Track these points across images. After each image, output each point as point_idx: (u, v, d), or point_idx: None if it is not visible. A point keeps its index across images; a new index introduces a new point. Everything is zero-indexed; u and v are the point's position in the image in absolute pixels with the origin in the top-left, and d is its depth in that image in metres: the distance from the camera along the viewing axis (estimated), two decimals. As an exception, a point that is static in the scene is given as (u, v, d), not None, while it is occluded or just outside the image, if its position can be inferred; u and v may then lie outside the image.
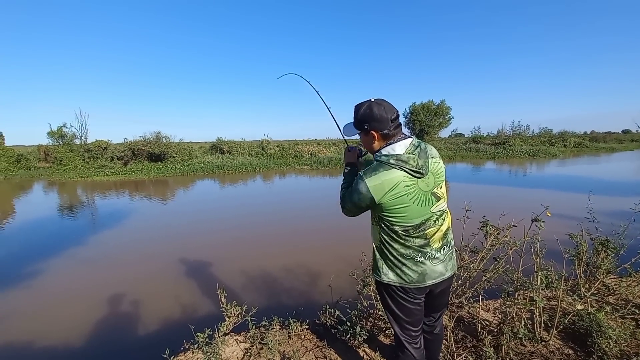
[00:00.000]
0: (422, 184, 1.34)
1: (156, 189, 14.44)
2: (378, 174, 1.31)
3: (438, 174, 1.40)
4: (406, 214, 1.34)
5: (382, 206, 1.34)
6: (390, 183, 1.30)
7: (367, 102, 1.40)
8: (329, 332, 2.33)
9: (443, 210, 1.44)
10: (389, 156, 1.34)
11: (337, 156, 25.46)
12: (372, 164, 1.37)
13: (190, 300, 3.91)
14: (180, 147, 24.15)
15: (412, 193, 1.32)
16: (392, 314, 1.52)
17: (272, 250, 5.74)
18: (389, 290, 1.47)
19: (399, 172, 1.31)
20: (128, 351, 3.00)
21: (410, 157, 1.32)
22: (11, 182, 17.86)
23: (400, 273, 1.41)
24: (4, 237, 7.12)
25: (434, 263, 1.41)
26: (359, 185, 1.34)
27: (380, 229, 1.43)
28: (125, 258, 5.54)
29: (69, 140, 22.96)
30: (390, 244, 1.41)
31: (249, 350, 2.18)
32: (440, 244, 1.43)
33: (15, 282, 4.54)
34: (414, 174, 1.32)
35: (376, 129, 1.37)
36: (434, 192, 1.38)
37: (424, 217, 1.37)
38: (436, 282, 1.43)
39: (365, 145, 1.49)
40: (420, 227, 1.37)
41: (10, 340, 3.23)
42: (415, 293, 1.44)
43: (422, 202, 1.35)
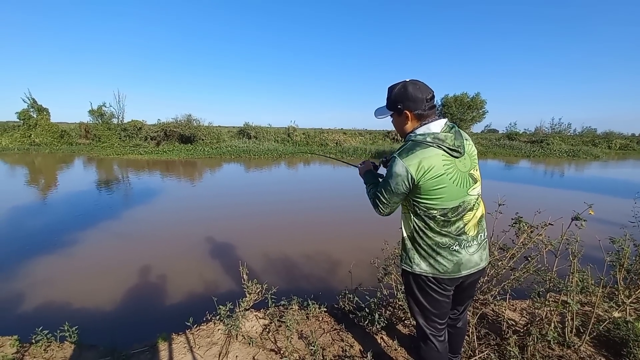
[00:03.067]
0: (459, 164, 1.29)
1: (185, 169, 14.94)
2: (415, 153, 1.25)
3: (473, 156, 1.36)
4: (444, 195, 1.28)
5: (421, 187, 1.27)
6: (428, 161, 1.24)
7: (402, 82, 1.35)
8: (347, 317, 2.33)
9: (479, 194, 1.39)
10: (425, 135, 1.28)
11: (362, 146, 25.17)
12: (407, 144, 1.32)
13: (213, 277, 4.04)
14: (209, 130, 24.73)
15: (451, 172, 1.27)
16: (418, 304, 1.47)
17: (292, 236, 5.81)
18: (419, 280, 1.42)
19: (437, 150, 1.26)
20: (155, 320, 3.15)
21: (447, 136, 1.27)
22: (55, 156, 19.08)
23: (434, 263, 1.35)
24: (47, 207, 7.66)
25: (469, 252, 1.36)
26: (395, 167, 1.28)
27: (414, 217, 1.37)
28: (154, 234, 5.80)
29: (107, 119, 24.10)
30: (424, 232, 1.35)
31: (268, 326, 2.23)
32: (476, 232, 1.37)
33: (54, 249, 4.88)
34: (452, 152, 1.27)
35: (410, 108, 1.31)
36: (471, 174, 1.33)
37: (461, 199, 1.31)
38: (471, 272, 1.37)
39: (397, 128, 1.44)
40: (457, 210, 1.31)
41: (46, 304, 3.48)
42: (448, 284, 1.39)
43: (461, 183, 1.30)
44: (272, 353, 1.97)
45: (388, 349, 1.99)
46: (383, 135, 32.06)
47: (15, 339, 2.15)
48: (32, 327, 2.23)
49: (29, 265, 4.24)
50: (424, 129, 1.31)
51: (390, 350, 1.98)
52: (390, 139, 31.37)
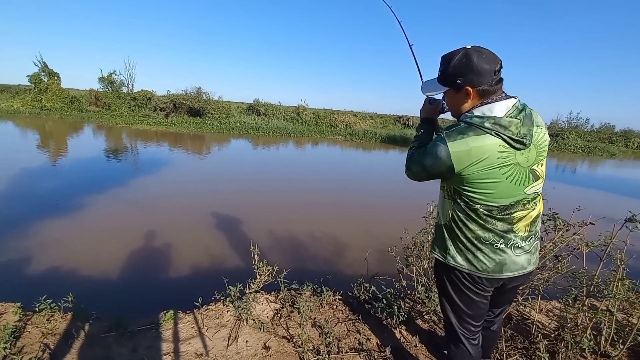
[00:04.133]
0: (520, 158, 1.08)
1: (194, 143, 14.82)
2: (466, 138, 1.05)
3: (541, 147, 1.13)
4: (493, 192, 1.10)
5: (464, 178, 1.10)
6: (480, 152, 1.04)
7: (462, 50, 1.11)
8: (363, 307, 2.21)
9: (538, 193, 1.18)
10: (483, 118, 1.07)
11: (372, 130, 24.71)
12: (459, 125, 1.11)
13: (220, 252, 3.95)
14: (219, 104, 24.39)
15: (507, 167, 1.07)
16: (450, 302, 1.32)
17: (301, 217, 5.69)
18: (454, 274, 1.26)
19: (494, 140, 1.05)
20: (160, 291, 3.08)
21: (512, 122, 1.05)
22: (65, 122, 19.05)
23: (472, 259, 1.19)
24: (57, 171, 7.62)
25: (516, 253, 1.17)
26: (438, 147, 1.09)
27: (454, 205, 1.20)
28: (163, 205, 5.72)
29: (117, 87, 23.90)
30: (465, 224, 1.18)
31: (280, 311, 2.12)
32: (527, 233, 1.18)
33: (61, 213, 4.82)
34: (513, 143, 1.05)
35: (473, 83, 1.08)
36: (533, 170, 1.12)
37: (514, 198, 1.12)
38: (514, 275, 1.20)
39: (451, 106, 1.23)
40: (507, 210, 1.13)
41: (51, 268, 3.43)
42: (486, 284, 1.22)
43: (518, 180, 1.10)
44: (284, 340, 1.86)
45: (407, 345, 1.87)
46: (394, 120, 31.41)
47: (17, 307, 2.07)
48: (35, 292, 2.16)
49: (36, 228, 4.19)
50: (485, 110, 1.09)
51: (410, 347, 1.86)
52: (401, 124, 30.74)
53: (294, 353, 1.78)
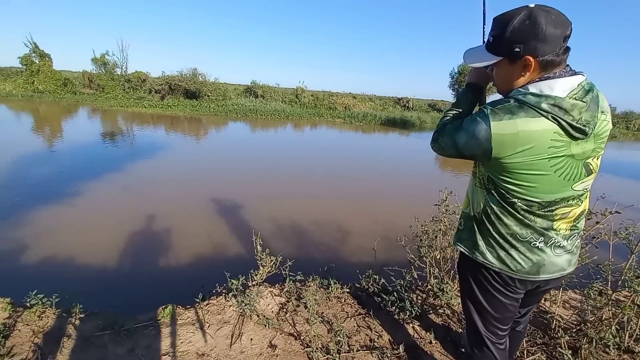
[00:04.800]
0: (576, 149, 0.91)
1: (190, 126, 14.54)
2: (515, 119, 0.87)
3: (602, 138, 0.95)
4: (536, 186, 0.94)
5: (503, 166, 0.93)
6: (528, 138, 0.87)
7: (524, 9, 0.88)
8: (372, 300, 2.11)
9: (587, 190, 1.02)
10: (540, 97, 0.87)
11: (372, 112, 24.30)
12: (509, 102, 0.92)
13: (220, 241, 3.84)
14: (215, 86, 23.87)
15: (559, 159, 0.90)
16: (475, 304, 1.18)
17: (301, 202, 5.57)
18: (481, 273, 1.11)
19: (549, 125, 0.86)
20: (159, 283, 2.97)
21: (575, 106, 0.86)
22: (59, 105, 18.62)
23: (505, 257, 1.04)
24: (50, 157, 7.42)
25: (556, 253, 1.03)
26: (477, 125, 0.91)
27: (487, 195, 1.04)
28: (159, 192, 5.57)
29: (110, 69, 23.25)
30: (499, 218, 1.02)
31: (285, 306, 2.01)
32: (569, 231, 1.03)
33: (54, 202, 4.67)
34: (572, 131, 0.87)
35: (536, 52, 0.87)
36: (587, 164, 0.95)
37: (560, 194, 0.96)
38: (552, 277, 1.06)
39: (501, 80, 1.02)
40: (549, 206, 0.97)
41: (44, 259, 3.31)
42: (518, 286, 1.08)
43: (568, 175, 0.93)
44: (291, 338, 1.76)
45: (421, 342, 1.77)
46: (394, 102, 30.93)
47: (7, 302, 1.95)
48: (26, 286, 2.04)
49: (26, 217, 4.05)
50: (543, 87, 0.90)
51: (424, 343, 1.76)
52: (401, 106, 30.28)
53: (302, 352, 1.68)
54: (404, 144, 15.23)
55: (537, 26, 0.86)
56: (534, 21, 0.86)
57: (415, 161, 10.91)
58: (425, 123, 21.92)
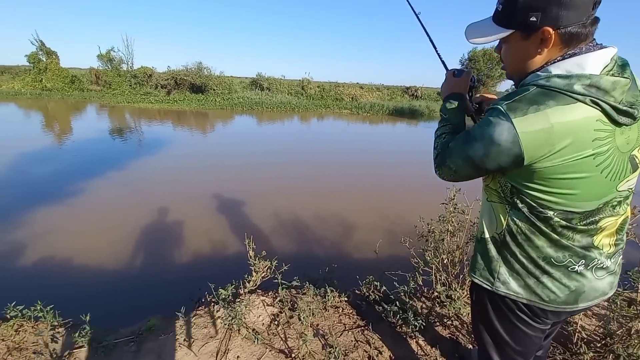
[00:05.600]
0: (620, 139, 0.72)
1: (197, 121, 14.47)
2: (544, 110, 0.68)
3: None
4: (578, 193, 0.74)
5: (535, 173, 0.73)
6: (567, 131, 0.67)
7: None
8: (372, 309, 1.94)
9: (632, 191, 0.82)
10: (570, 77, 0.68)
11: (379, 102, 23.85)
12: (529, 91, 0.72)
13: (220, 240, 3.72)
14: (221, 80, 23.69)
15: (604, 155, 0.71)
16: (494, 336, 0.98)
17: (306, 198, 5.42)
18: (504, 303, 0.91)
19: (590, 111, 0.68)
20: (145, 289, 2.84)
21: (617, 83, 0.67)
22: (67, 102, 18.74)
23: (534, 286, 0.84)
24: (57, 155, 7.42)
25: (598, 275, 0.83)
26: (495, 127, 0.71)
27: (511, 210, 0.83)
28: (158, 191, 5.49)
29: (116, 65, 23.26)
30: (528, 238, 0.82)
31: (277, 317, 1.86)
32: (614, 247, 0.84)
33: (51, 201, 4.62)
34: (617, 116, 0.68)
35: (558, 22, 0.69)
36: (633, 157, 0.76)
37: (605, 198, 0.77)
38: (592, 304, 0.86)
39: (511, 60, 0.83)
40: (591, 216, 0.77)
41: (49, 255, 3.25)
42: (550, 318, 0.89)
43: (614, 173, 0.74)
44: (281, 355, 1.60)
45: (426, 359, 1.60)
46: (402, 91, 30.27)
47: (-16, 315, 1.84)
48: (6, 295, 1.93)
49: (19, 218, 3.99)
50: (570, 66, 0.71)
51: (430, 361, 1.59)
52: (409, 95, 29.63)
53: (293, 371, 1.53)
54: (412, 134, 14.88)
55: None
56: None
57: (423, 152, 10.61)
58: (435, 112, 21.38)
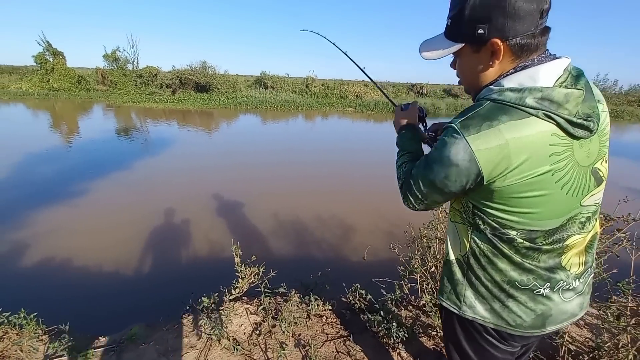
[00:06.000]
0: (580, 153, 0.68)
1: (202, 120, 14.54)
2: (497, 126, 0.65)
3: (605, 134, 0.74)
4: (539, 211, 0.70)
5: (496, 191, 0.70)
6: (523, 147, 0.64)
7: None
8: (357, 319, 1.91)
9: (599, 205, 0.79)
10: (522, 91, 0.66)
11: (384, 100, 23.68)
12: (482, 106, 0.69)
13: (216, 240, 3.72)
14: (225, 78, 23.76)
15: (562, 170, 0.67)
16: (463, 357, 0.95)
17: (306, 197, 5.40)
18: (470, 328, 0.88)
19: (544, 125, 0.65)
20: (133, 293, 2.82)
21: (570, 95, 0.64)
22: (74, 102, 18.96)
23: (500, 310, 0.81)
24: (63, 155, 7.52)
25: (565, 297, 0.79)
26: (450, 147, 0.68)
27: (473, 233, 0.80)
28: (164, 190, 5.51)
29: (122, 65, 23.45)
30: (490, 262, 0.79)
31: (259, 326, 1.84)
32: (582, 266, 0.80)
33: (62, 200, 4.68)
34: (573, 129, 0.65)
35: (505, 33, 0.66)
36: (595, 170, 0.73)
37: (568, 214, 0.73)
38: (561, 327, 0.83)
39: (464, 74, 0.81)
40: (557, 233, 0.74)
41: (45, 257, 3.28)
42: (518, 341, 0.86)
43: (575, 188, 0.70)
44: (259, 366, 1.59)
45: (407, 372, 1.57)
46: (407, 89, 30.04)
47: (-30, 322, 1.85)
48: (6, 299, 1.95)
49: (19, 219, 4.03)
50: (523, 78, 0.68)
51: (410, 374, 1.56)
52: (414, 92, 29.39)
53: (270, 384, 1.51)
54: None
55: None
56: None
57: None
58: (440, 110, 21.21)
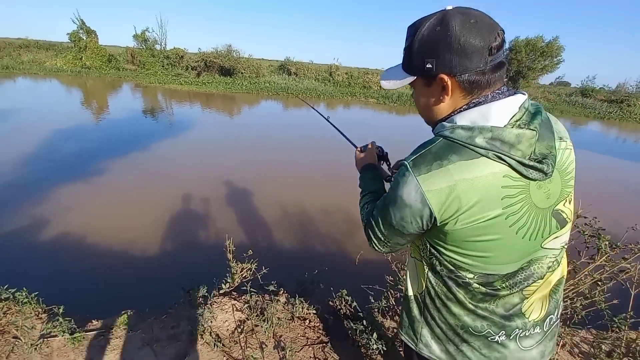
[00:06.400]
0: (537, 194, 0.64)
1: (224, 104, 14.77)
2: (447, 167, 0.62)
3: (568, 173, 0.70)
4: (492, 255, 0.67)
5: (449, 233, 0.66)
6: (473, 189, 0.61)
7: (440, 14, 0.64)
8: (340, 325, 1.90)
9: (563, 246, 0.74)
10: (472, 130, 0.62)
11: (408, 92, 23.08)
12: (434, 143, 0.66)
13: (223, 228, 3.77)
14: (249, 63, 23.84)
15: (517, 213, 0.63)
16: None
17: (318, 186, 5.42)
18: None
19: (495, 167, 0.61)
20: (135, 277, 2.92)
21: (522, 136, 0.61)
22: (104, 81, 19.67)
23: (455, 353, 0.78)
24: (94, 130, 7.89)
25: (524, 346, 0.75)
26: (402, 188, 0.66)
27: (429, 272, 0.77)
28: (181, 173, 5.65)
29: (151, 45, 23.96)
30: (444, 304, 0.76)
31: (243, 324, 1.87)
32: (544, 312, 0.76)
33: (85, 177, 4.92)
34: (526, 171, 0.61)
35: (452, 69, 0.64)
36: (557, 212, 0.68)
37: (527, 258, 0.69)
38: None
39: (419, 107, 0.78)
40: (515, 278, 0.70)
41: (66, 232, 3.47)
42: None
43: (533, 232, 0.66)
44: (236, 365, 1.62)
45: (381, 385, 1.56)
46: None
47: (-20, 295, 1.99)
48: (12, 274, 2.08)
49: (35, 196, 4.25)
50: (475, 116, 0.65)
51: (384, 387, 1.55)
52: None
53: (244, 383, 1.54)
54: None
55: (449, 33, 0.61)
56: (446, 27, 0.61)
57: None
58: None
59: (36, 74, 19.95)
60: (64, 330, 1.71)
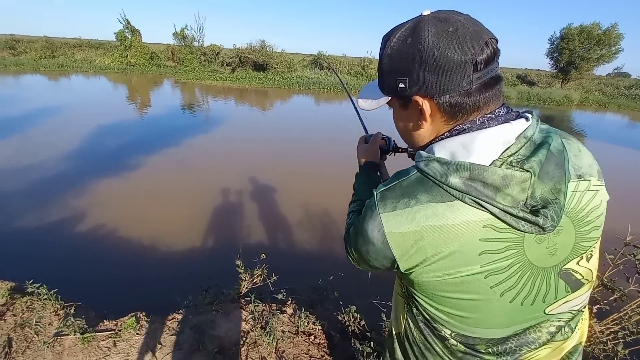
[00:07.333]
0: (535, 250, 0.50)
1: (257, 99, 15.03)
2: (414, 208, 0.50)
3: (587, 223, 0.52)
4: (473, 316, 0.54)
5: (416, 284, 0.55)
6: (442, 239, 0.48)
7: (413, 21, 0.52)
8: (346, 344, 1.80)
9: (581, 310, 0.59)
10: (449, 165, 0.49)
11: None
12: (407, 176, 0.54)
13: (245, 228, 3.76)
14: (282, 58, 23.99)
15: (504, 272, 0.50)
16: None
17: (343, 188, 5.28)
18: None
19: (473, 215, 0.47)
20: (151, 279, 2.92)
21: (511, 179, 0.46)
22: (147, 77, 20.77)
23: None
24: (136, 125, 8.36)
25: None
26: (369, 223, 0.55)
27: (408, 313, 0.65)
28: (212, 171, 5.76)
29: (189, 42, 24.85)
30: (422, 354, 0.64)
31: (246, 336, 1.82)
32: None
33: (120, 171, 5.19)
34: (516, 223, 0.46)
35: (427, 89, 0.51)
36: (565, 272, 0.53)
37: (522, 325, 0.55)
38: None
39: (398, 128, 0.65)
40: (504, 344, 0.56)
41: (99, 224, 3.67)
42: None
43: (527, 296, 0.52)
44: (234, 380, 1.58)
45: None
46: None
47: (8, 288, 2.12)
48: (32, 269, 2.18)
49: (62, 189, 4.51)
50: (456, 147, 0.51)
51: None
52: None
53: (241, 401, 1.49)
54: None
55: (420, 47, 0.48)
56: (417, 38, 0.48)
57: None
58: (510, 99, 19.14)
59: (87, 71, 21.48)
60: (75, 330, 1.76)
